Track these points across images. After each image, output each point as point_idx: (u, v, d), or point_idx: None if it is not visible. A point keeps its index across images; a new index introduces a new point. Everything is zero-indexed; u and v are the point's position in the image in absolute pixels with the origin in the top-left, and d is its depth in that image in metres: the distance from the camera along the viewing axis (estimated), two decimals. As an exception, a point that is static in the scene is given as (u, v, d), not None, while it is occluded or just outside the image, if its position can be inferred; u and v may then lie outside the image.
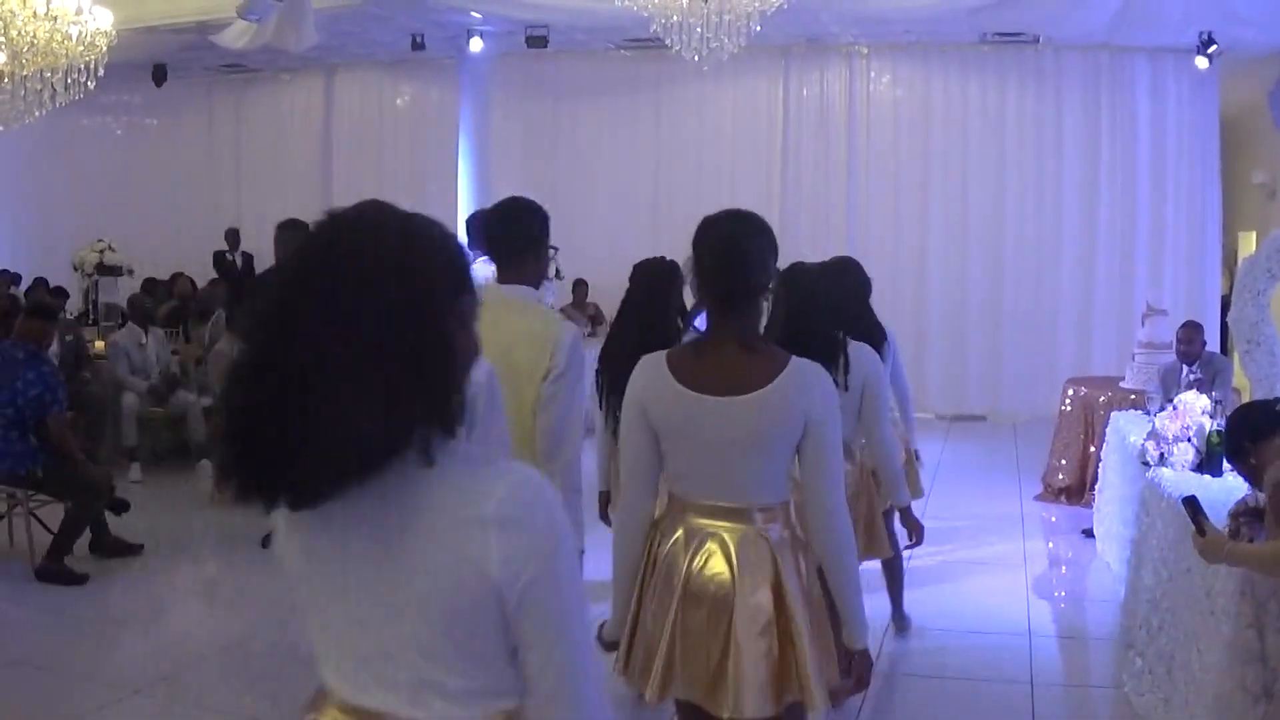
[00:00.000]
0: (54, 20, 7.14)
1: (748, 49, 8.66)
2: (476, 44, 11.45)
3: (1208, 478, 4.57)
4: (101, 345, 9.62)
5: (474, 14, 10.78)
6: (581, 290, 11.56)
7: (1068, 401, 8.03)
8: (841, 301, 4.10)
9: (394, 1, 10.15)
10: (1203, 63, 10.50)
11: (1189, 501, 3.28)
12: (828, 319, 3.76)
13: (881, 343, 4.43)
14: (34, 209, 14.10)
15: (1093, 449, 7.43)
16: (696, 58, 8.13)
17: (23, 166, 13.86)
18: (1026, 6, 9.65)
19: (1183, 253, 11.42)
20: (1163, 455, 4.79)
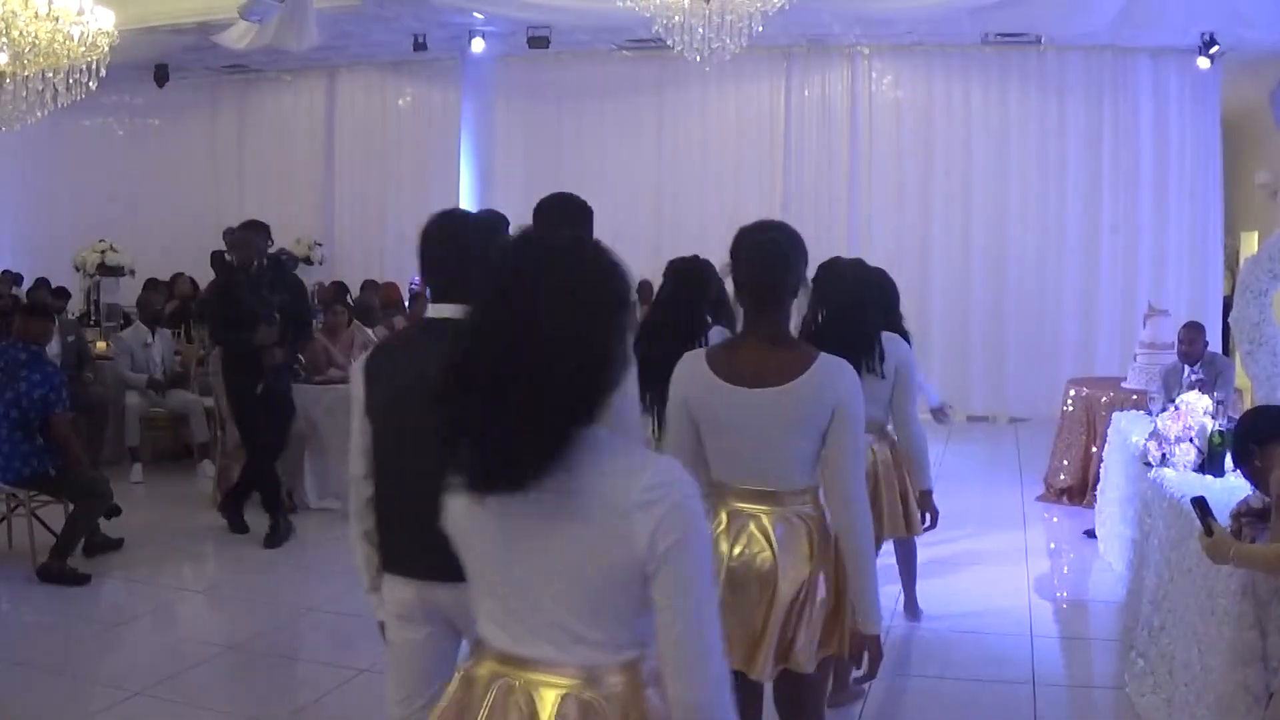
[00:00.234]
0: (56, 21, 7.15)
1: (749, 49, 8.67)
2: (478, 45, 11.46)
3: (1209, 478, 4.57)
4: (103, 346, 9.63)
5: (476, 15, 10.78)
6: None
7: (1070, 402, 8.02)
8: (880, 300, 4.44)
9: (396, 2, 10.15)
10: (1205, 63, 10.50)
11: (1197, 502, 3.28)
12: (868, 314, 4.10)
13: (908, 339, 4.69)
14: (36, 209, 14.11)
15: (1094, 449, 7.42)
16: (698, 58, 8.14)
17: (24, 167, 13.88)
18: (1029, 7, 9.64)
19: (1185, 253, 11.42)
20: (1164, 456, 4.79)
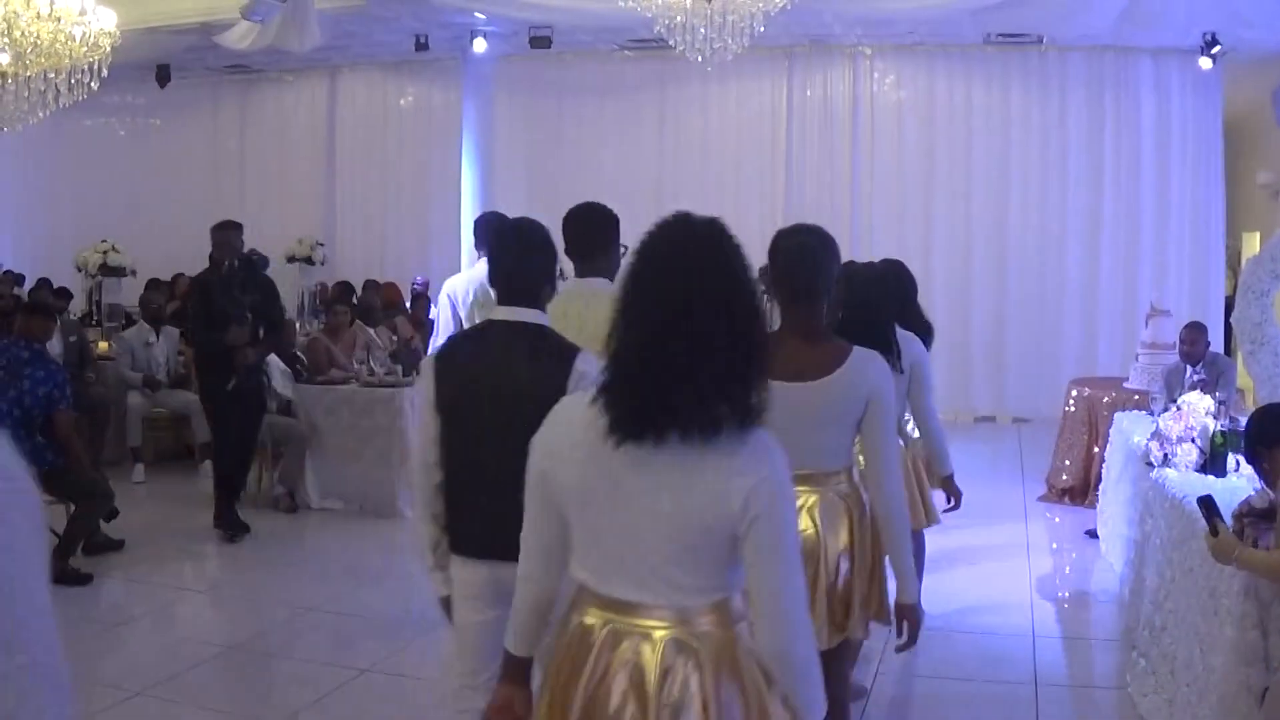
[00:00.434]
0: (58, 21, 7.15)
1: (751, 50, 8.66)
2: (480, 45, 11.46)
3: (1211, 478, 4.57)
4: (105, 346, 9.62)
5: (478, 15, 10.79)
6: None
7: (1071, 402, 8.02)
8: (895, 298, 4.61)
9: (397, 2, 10.16)
10: (1206, 63, 10.50)
11: (1204, 501, 3.30)
12: (880, 313, 4.23)
13: (928, 335, 4.85)
14: (37, 210, 14.12)
15: (1096, 449, 7.42)
16: (700, 58, 8.14)
17: (26, 167, 13.89)
18: (1030, 7, 9.64)
19: (1187, 253, 11.42)
20: (1166, 456, 4.79)
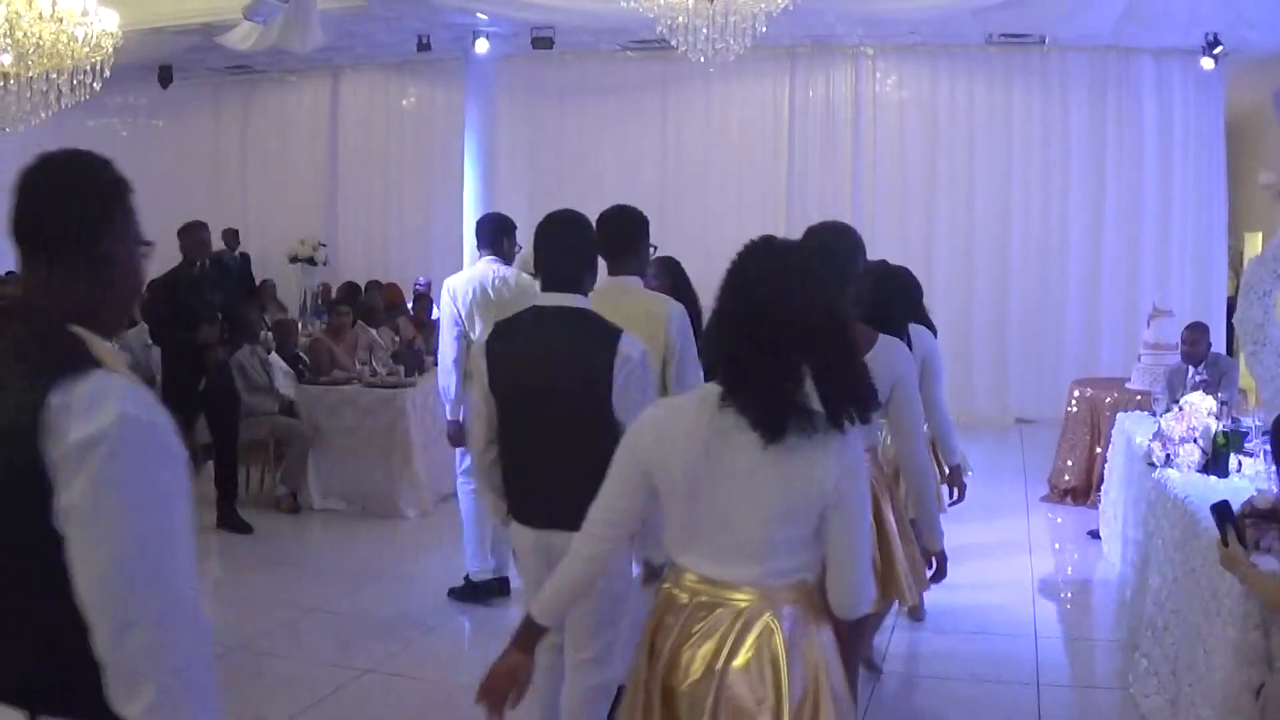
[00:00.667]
0: (60, 21, 7.14)
1: (753, 50, 8.65)
2: (482, 45, 11.45)
3: (1213, 479, 4.56)
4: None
5: (480, 15, 10.78)
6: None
7: (1074, 402, 8.02)
8: (900, 295, 4.70)
9: (400, 3, 10.16)
10: (1208, 64, 10.48)
11: (1218, 509, 3.30)
12: (889, 310, 4.32)
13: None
14: (40, 210, 14.10)
15: (1099, 450, 7.42)
16: (702, 59, 8.13)
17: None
18: (1032, 7, 9.63)
19: (1189, 254, 11.40)
20: (1168, 456, 4.79)
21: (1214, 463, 4.66)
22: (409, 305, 11.27)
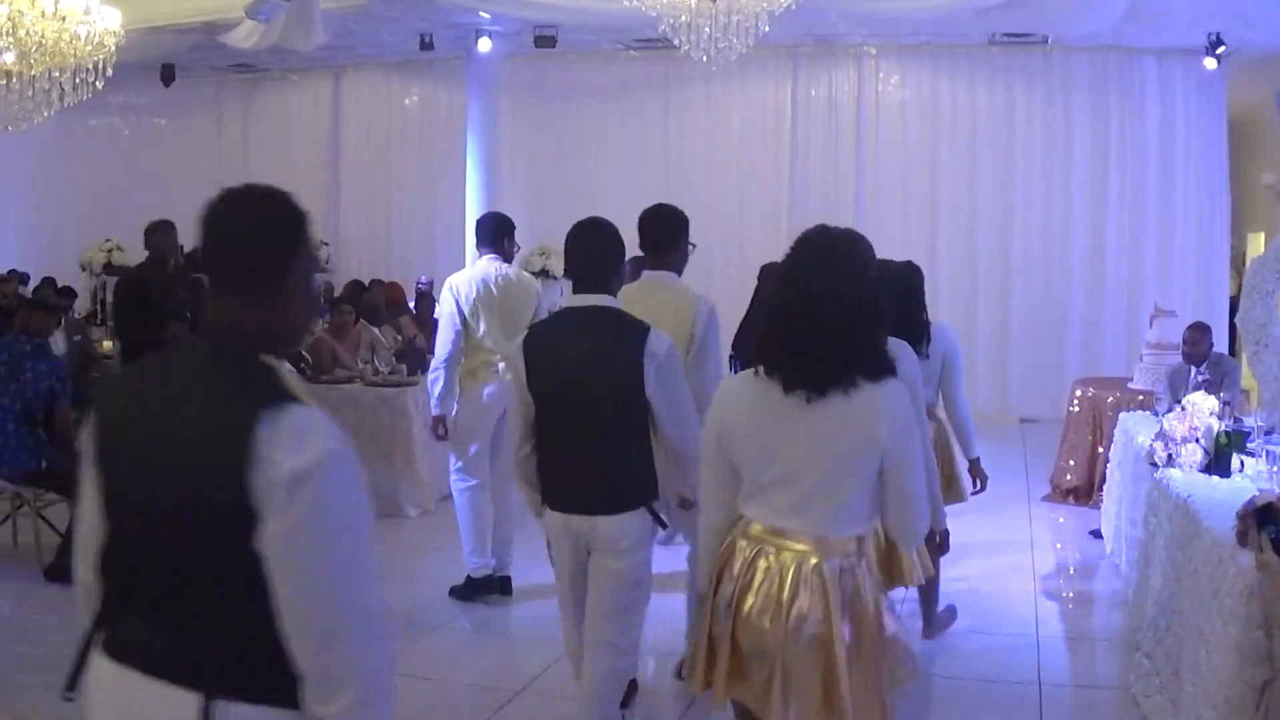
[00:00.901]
0: (62, 20, 7.14)
1: (756, 49, 8.65)
2: (485, 44, 11.46)
3: (1215, 479, 4.56)
4: (109, 346, 9.63)
5: (482, 14, 10.79)
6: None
7: (1076, 402, 8.01)
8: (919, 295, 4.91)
9: (402, 2, 10.16)
10: (1211, 64, 10.48)
11: (1258, 513, 3.31)
12: (905, 305, 4.51)
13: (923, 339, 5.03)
14: (42, 209, 14.13)
15: (1101, 450, 7.41)
16: (705, 58, 8.12)
17: (31, 166, 13.90)
18: (1035, 7, 9.63)
19: (1191, 254, 11.40)
20: (1171, 456, 4.78)
21: (1216, 463, 4.65)
22: (411, 304, 11.27)
